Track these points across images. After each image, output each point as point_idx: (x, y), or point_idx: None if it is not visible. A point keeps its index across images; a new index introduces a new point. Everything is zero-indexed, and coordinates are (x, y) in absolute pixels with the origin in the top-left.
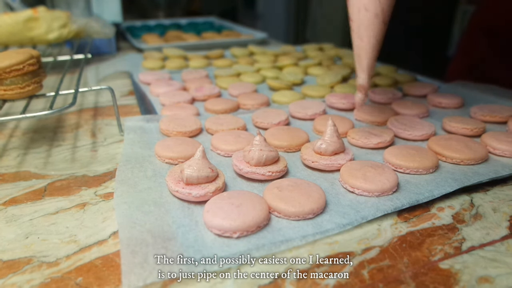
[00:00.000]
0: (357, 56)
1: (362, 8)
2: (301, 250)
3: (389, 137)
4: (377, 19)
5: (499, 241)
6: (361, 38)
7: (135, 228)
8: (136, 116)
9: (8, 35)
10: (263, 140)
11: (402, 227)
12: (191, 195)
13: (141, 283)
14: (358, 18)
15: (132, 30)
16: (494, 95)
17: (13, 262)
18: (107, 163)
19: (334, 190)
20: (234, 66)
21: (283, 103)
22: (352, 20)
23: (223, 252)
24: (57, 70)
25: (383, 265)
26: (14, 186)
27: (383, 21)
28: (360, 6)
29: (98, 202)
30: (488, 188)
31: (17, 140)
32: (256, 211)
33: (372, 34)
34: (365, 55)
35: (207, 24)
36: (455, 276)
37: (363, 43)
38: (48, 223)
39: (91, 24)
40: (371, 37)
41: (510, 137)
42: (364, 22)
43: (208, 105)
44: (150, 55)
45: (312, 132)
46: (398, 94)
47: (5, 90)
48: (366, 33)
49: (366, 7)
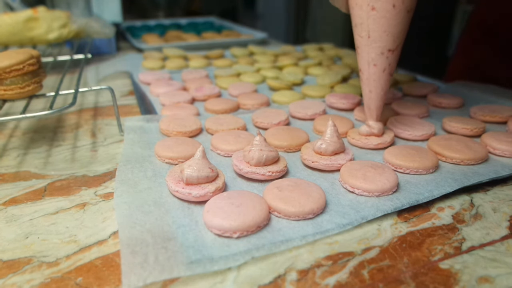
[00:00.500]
0: (367, 105)
1: (371, 63)
2: (301, 250)
3: (389, 137)
4: (384, 73)
5: (499, 241)
6: (370, 89)
7: (135, 228)
8: (136, 116)
9: (8, 35)
10: (263, 140)
11: (402, 227)
12: (191, 195)
13: (141, 283)
14: (368, 71)
15: (132, 30)
16: (494, 95)
17: (13, 262)
18: (107, 163)
19: (334, 190)
20: (234, 66)
21: (283, 103)
22: (362, 71)
23: (223, 252)
24: (57, 70)
25: (383, 265)
26: (14, 186)
27: (389, 74)
28: (370, 61)
29: (98, 202)
30: (488, 188)
31: (17, 140)
32: (256, 211)
33: (379, 86)
34: (374, 104)
35: (207, 24)
36: (455, 276)
37: (372, 94)
38: (48, 223)
39: (91, 24)
40: (379, 89)
41: (510, 137)
42: (373, 76)
43: (208, 105)
44: (150, 55)
45: (312, 132)
46: (398, 94)
47: (5, 90)
48: (374, 85)
49: (375, 62)
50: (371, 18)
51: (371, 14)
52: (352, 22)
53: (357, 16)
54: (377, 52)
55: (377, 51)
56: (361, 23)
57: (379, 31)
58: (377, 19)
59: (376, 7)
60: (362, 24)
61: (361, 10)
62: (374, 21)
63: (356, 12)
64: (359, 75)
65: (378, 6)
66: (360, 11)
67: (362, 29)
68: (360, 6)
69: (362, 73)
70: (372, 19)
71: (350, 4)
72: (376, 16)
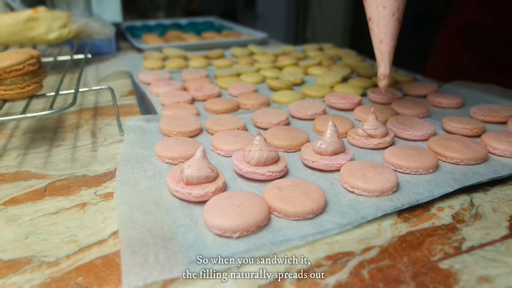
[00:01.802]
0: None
1: (380, 6)
2: (301, 250)
3: (389, 137)
4: (393, 18)
5: (499, 241)
6: (380, 38)
7: (135, 228)
8: (136, 116)
9: (8, 35)
10: (263, 140)
11: (402, 227)
12: (191, 195)
13: (141, 283)
14: (377, 16)
15: (132, 30)
16: (494, 95)
17: (13, 262)
18: (107, 163)
19: (334, 190)
20: (234, 66)
21: (283, 103)
22: (371, 19)
23: (223, 252)
24: (57, 70)
25: (383, 265)
26: (14, 186)
27: (398, 20)
28: (379, 3)
29: (98, 202)
30: (488, 188)
31: (17, 140)
32: (256, 211)
33: (389, 33)
34: (385, 49)
35: (207, 24)
36: (455, 276)
37: (382, 44)
38: (48, 223)
39: (91, 24)
40: (388, 37)
41: (510, 137)
42: (382, 21)
43: (208, 105)
44: (150, 55)
45: (312, 132)
46: (398, 94)
47: (5, 90)
48: (384, 31)
49: (384, 5)
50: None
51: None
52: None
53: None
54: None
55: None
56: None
57: None
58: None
59: None
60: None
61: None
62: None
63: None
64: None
65: None
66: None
67: None
68: None
69: (371, 22)
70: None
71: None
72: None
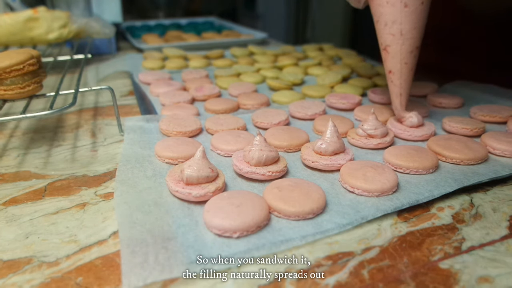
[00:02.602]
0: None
1: (403, 62)
2: (301, 250)
3: (389, 137)
4: (412, 72)
5: (499, 241)
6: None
7: (135, 228)
8: (136, 116)
9: (8, 35)
10: (263, 140)
11: (402, 227)
12: (191, 195)
13: (141, 283)
14: (400, 72)
15: (132, 30)
16: (494, 95)
17: (13, 262)
18: (107, 163)
19: (334, 190)
20: (234, 66)
21: (283, 103)
22: (392, 73)
23: (223, 252)
24: (57, 70)
25: (383, 265)
26: (14, 186)
27: (413, 72)
28: (401, 60)
29: (98, 202)
30: (488, 188)
31: (17, 140)
32: (256, 211)
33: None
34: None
35: (207, 24)
36: (455, 276)
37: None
38: (48, 223)
39: (91, 24)
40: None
41: (510, 137)
42: (404, 76)
43: (208, 105)
44: (150, 55)
45: (312, 132)
46: None
47: (5, 90)
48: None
49: (406, 61)
50: (403, 15)
51: (404, 11)
52: (380, 20)
53: (389, 13)
54: (408, 50)
55: (408, 49)
56: (393, 20)
57: (410, 28)
58: (409, 15)
59: (409, 4)
60: (395, 21)
61: (393, 7)
62: (406, 17)
63: (387, 10)
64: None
65: (410, 2)
66: (393, 8)
67: (395, 27)
68: (392, 3)
69: (392, 75)
70: (405, 15)
71: (376, 2)
72: (408, 13)
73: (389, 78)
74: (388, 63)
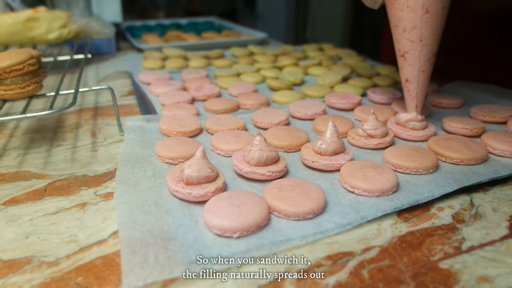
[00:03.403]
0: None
1: (420, 70)
2: (301, 250)
3: (389, 137)
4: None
5: (499, 241)
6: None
7: (135, 228)
8: (136, 116)
9: (8, 35)
10: (263, 140)
11: (402, 227)
12: (191, 195)
13: (141, 283)
14: (417, 80)
15: (132, 30)
16: (494, 95)
17: (13, 262)
18: (107, 163)
19: (334, 190)
20: (234, 66)
21: (283, 103)
22: (409, 81)
23: (223, 252)
24: (57, 70)
25: (383, 265)
26: (14, 186)
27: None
28: (419, 68)
29: (98, 202)
30: (488, 188)
31: (17, 140)
32: (256, 211)
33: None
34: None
35: (207, 24)
36: (455, 276)
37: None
38: (48, 223)
39: (91, 24)
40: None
41: (510, 137)
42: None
43: (208, 105)
44: (150, 55)
45: (312, 132)
46: (398, 94)
47: (5, 90)
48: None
49: (423, 69)
50: (424, 21)
51: (425, 17)
52: (399, 25)
53: (409, 19)
54: (426, 57)
55: (426, 56)
56: (413, 26)
57: (429, 34)
58: (429, 21)
59: (430, 10)
60: (415, 27)
61: (414, 13)
62: (427, 24)
63: (407, 15)
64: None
65: (431, 8)
66: (413, 14)
67: (414, 33)
68: (413, 9)
69: (409, 83)
70: (425, 22)
71: (396, 6)
72: (428, 18)
73: (405, 87)
74: (405, 70)
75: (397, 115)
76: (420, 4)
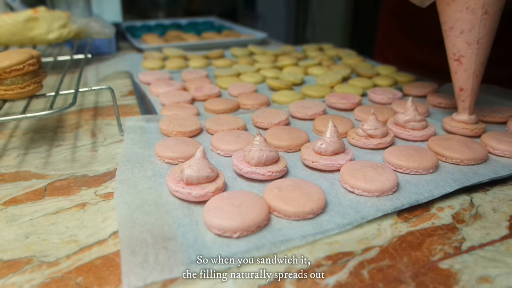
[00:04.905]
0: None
1: (474, 75)
2: (301, 250)
3: (389, 137)
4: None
5: (499, 241)
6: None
7: (135, 228)
8: (136, 116)
9: (8, 35)
10: (263, 140)
11: (402, 227)
12: (191, 195)
13: (141, 283)
14: (471, 86)
15: (132, 30)
16: (494, 95)
17: (13, 262)
18: (107, 163)
19: (334, 190)
20: (234, 66)
21: (283, 103)
22: (464, 90)
23: (223, 252)
24: (57, 70)
25: (383, 265)
26: (14, 186)
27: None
28: (473, 73)
29: (98, 202)
30: (488, 188)
31: (17, 140)
32: (256, 211)
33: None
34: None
35: (207, 24)
36: (455, 276)
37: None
38: (48, 223)
39: (91, 24)
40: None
41: (510, 137)
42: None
43: (208, 105)
44: (150, 55)
45: (312, 132)
46: (398, 94)
47: (5, 90)
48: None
49: (477, 74)
50: (482, 22)
51: (483, 18)
52: (455, 27)
53: (467, 20)
54: (481, 61)
55: (481, 59)
56: (470, 28)
57: (486, 37)
58: (487, 22)
59: (489, 11)
60: (473, 29)
61: (473, 14)
62: (485, 25)
63: (466, 16)
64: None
65: (490, 9)
66: (472, 15)
67: (472, 34)
68: (472, 10)
69: (464, 92)
70: (483, 23)
71: (453, 7)
72: (487, 20)
73: (459, 96)
74: (460, 76)
75: (396, 116)
76: (480, 4)
